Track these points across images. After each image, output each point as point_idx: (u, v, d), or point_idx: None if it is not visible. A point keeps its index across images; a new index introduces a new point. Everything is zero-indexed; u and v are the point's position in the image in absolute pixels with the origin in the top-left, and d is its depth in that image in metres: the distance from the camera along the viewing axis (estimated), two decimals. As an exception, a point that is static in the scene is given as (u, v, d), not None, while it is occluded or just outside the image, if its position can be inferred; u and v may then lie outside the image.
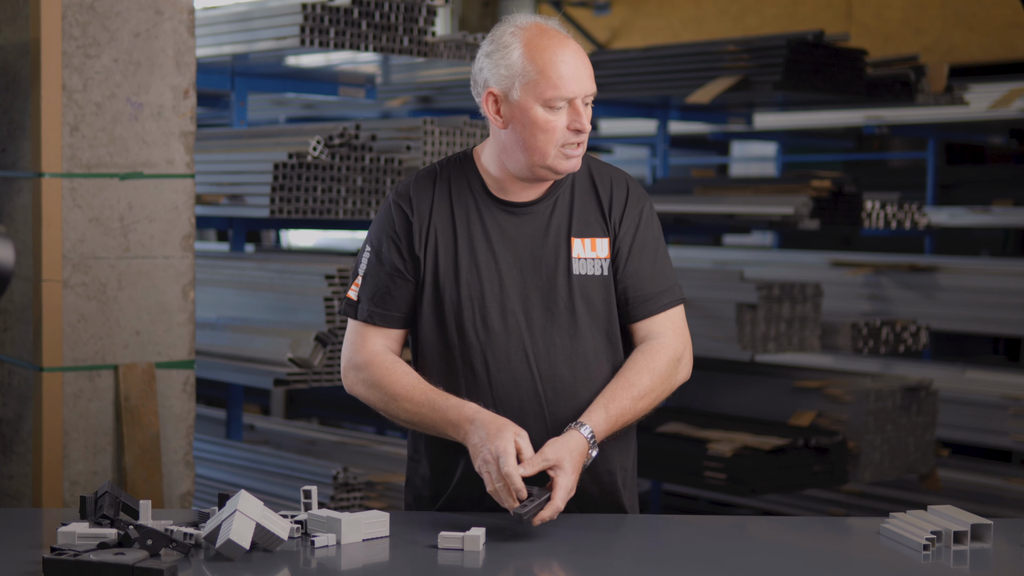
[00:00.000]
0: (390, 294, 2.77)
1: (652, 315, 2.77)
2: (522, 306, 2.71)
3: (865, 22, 10.88)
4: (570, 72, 2.65)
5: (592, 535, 2.58)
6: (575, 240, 2.74)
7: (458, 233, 2.74)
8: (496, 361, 2.71)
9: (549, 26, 2.71)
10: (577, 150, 2.69)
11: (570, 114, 2.66)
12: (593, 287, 2.73)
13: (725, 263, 8.20)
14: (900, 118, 8.60)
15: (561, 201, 2.76)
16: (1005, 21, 10.11)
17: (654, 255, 2.78)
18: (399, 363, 2.76)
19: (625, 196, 2.78)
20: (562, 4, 13.44)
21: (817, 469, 5.93)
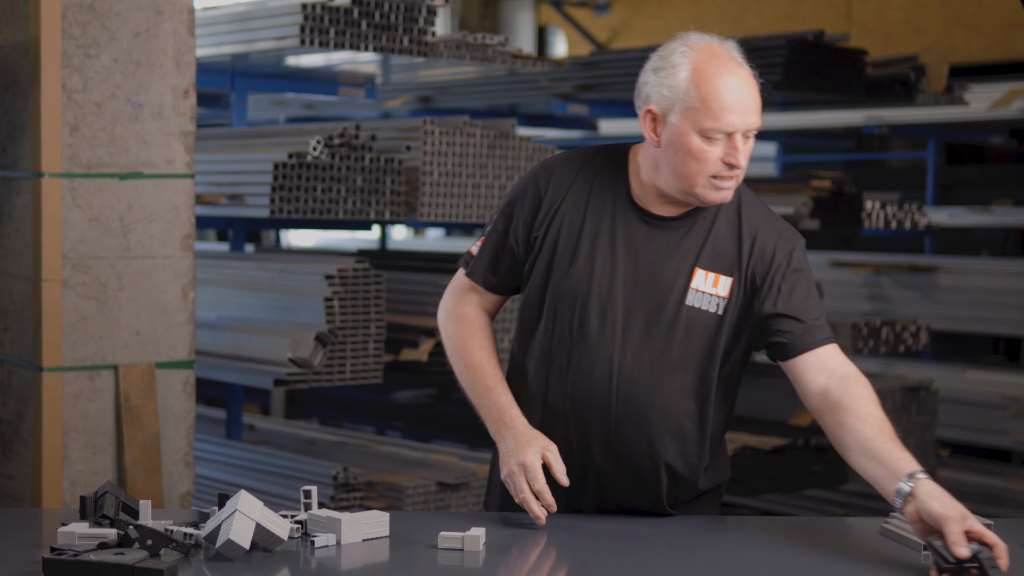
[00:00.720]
0: (499, 261, 2.77)
1: (813, 348, 2.64)
2: (623, 318, 2.64)
3: (865, 22, 10.88)
4: (733, 104, 2.54)
5: (591, 535, 2.58)
6: (698, 270, 2.64)
7: (585, 225, 2.67)
8: (580, 364, 2.65)
9: (722, 50, 2.60)
10: (728, 183, 2.58)
11: (727, 147, 2.55)
12: (701, 322, 2.64)
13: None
14: (900, 118, 8.60)
15: (699, 227, 2.66)
16: (1005, 21, 10.11)
17: (807, 292, 2.66)
18: (483, 332, 2.79)
19: (774, 242, 2.66)
20: (562, 4, 13.45)
21: (817, 469, 5.93)
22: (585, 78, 7.11)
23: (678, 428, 2.66)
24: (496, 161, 5.28)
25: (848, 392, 2.60)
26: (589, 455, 2.69)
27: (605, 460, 2.69)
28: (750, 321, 2.67)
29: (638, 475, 2.70)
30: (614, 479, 2.70)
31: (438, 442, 6.75)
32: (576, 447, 2.69)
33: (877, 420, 2.54)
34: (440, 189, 5.13)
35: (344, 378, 4.84)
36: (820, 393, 2.63)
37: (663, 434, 2.66)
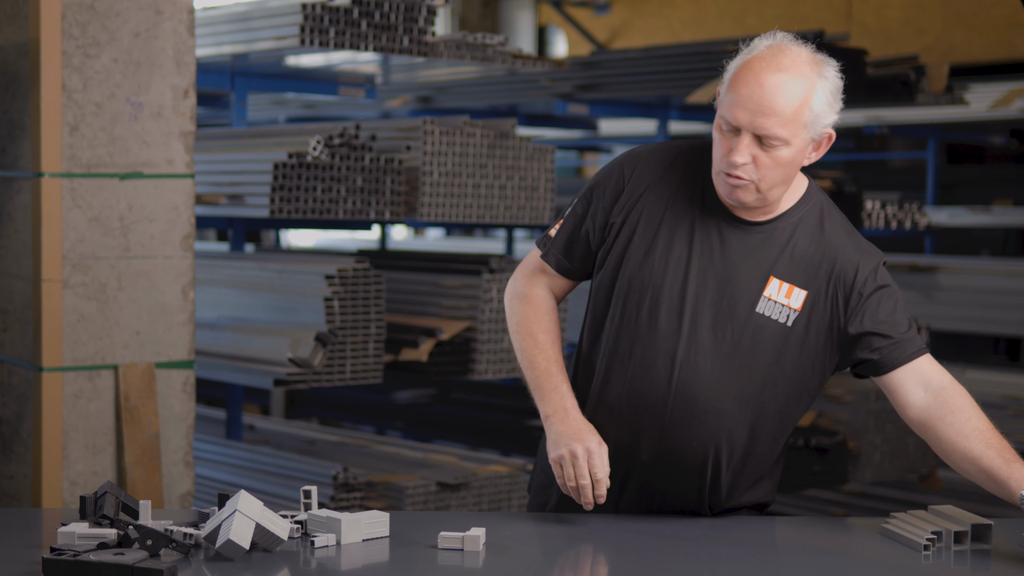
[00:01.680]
0: (573, 244, 2.74)
1: (908, 360, 2.62)
2: (692, 317, 2.60)
3: (865, 22, 10.89)
4: (745, 100, 2.48)
5: (590, 536, 2.58)
6: (773, 279, 2.60)
7: (665, 218, 2.64)
8: (643, 356, 2.62)
9: (787, 51, 2.52)
10: (733, 181, 2.53)
11: (735, 142, 2.51)
12: (768, 332, 2.60)
13: (725, 263, 8.19)
14: (900, 118, 8.60)
15: (779, 235, 2.62)
16: (1005, 21, 10.11)
17: (893, 307, 2.64)
18: (550, 316, 2.75)
19: (857, 256, 2.63)
20: (562, 4, 13.45)
21: (817, 469, 5.93)
22: (585, 78, 7.11)
23: (730, 436, 2.63)
24: (496, 161, 5.28)
25: (948, 407, 2.59)
26: (636, 452, 2.66)
27: (653, 458, 2.66)
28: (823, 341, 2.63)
29: (683, 478, 2.67)
30: (658, 479, 2.68)
31: (438, 442, 6.75)
32: (625, 443, 2.66)
33: (982, 434, 2.55)
34: (440, 189, 5.13)
35: (344, 378, 4.84)
36: (918, 409, 2.63)
37: (714, 439, 2.62)
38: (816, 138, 2.56)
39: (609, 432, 2.65)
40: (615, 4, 13.21)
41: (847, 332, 2.61)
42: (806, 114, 2.50)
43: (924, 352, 2.64)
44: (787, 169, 2.55)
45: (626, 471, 2.69)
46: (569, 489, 2.55)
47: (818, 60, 2.53)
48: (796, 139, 2.51)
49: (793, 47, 2.52)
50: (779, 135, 2.49)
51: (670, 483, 2.68)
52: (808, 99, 2.49)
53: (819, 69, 2.52)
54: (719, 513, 2.73)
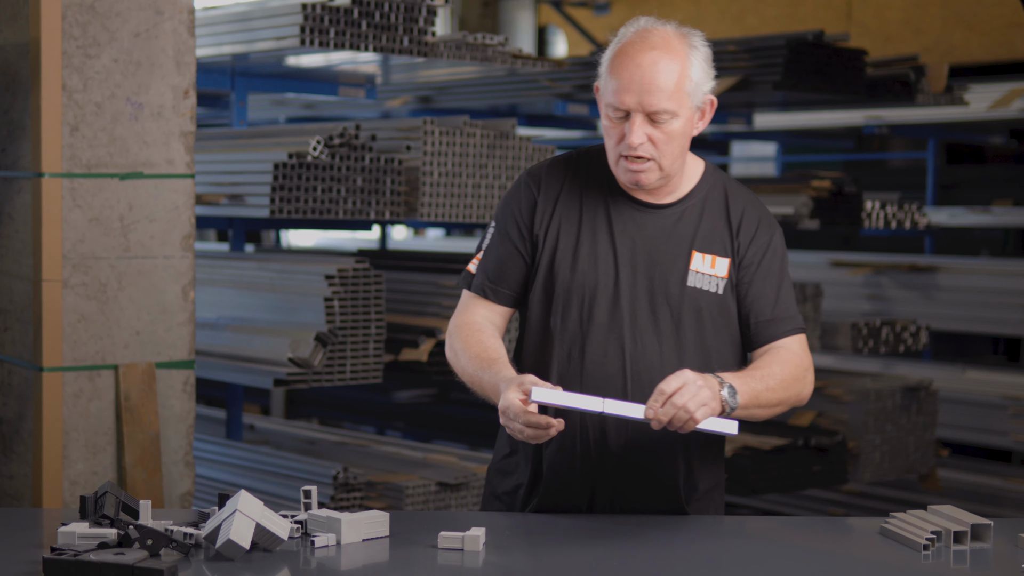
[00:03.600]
0: (504, 270, 2.79)
1: (775, 339, 2.73)
2: (630, 305, 2.70)
3: (865, 22, 10.89)
4: (626, 82, 2.60)
5: (591, 535, 2.58)
6: (696, 253, 2.71)
7: (583, 220, 2.73)
8: (593, 353, 2.69)
9: (653, 31, 2.64)
10: (635, 165, 2.64)
11: (627, 126, 2.62)
12: (704, 302, 2.70)
13: (725, 263, 8.18)
14: (900, 118, 8.60)
15: (690, 212, 2.74)
16: (1005, 21, 10.11)
17: (778, 283, 2.75)
18: (489, 329, 2.77)
19: (756, 223, 2.75)
20: (562, 4, 13.45)
21: (817, 469, 5.93)
22: (585, 78, 7.10)
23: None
24: (496, 161, 5.28)
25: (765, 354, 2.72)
26: (606, 444, 2.70)
27: (622, 448, 2.70)
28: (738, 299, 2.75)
29: (655, 462, 2.72)
30: (632, 468, 2.72)
31: (438, 442, 6.75)
32: (593, 437, 2.71)
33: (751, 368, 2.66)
34: (440, 189, 5.13)
35: (344, 378, 4.84)
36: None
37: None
38: (700, 106, 2.69)
39: (576, 428, 2.69)
40: (615, 4, 13.21)
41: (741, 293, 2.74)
42: (687, 84, 2.63)
43: (792, 333, 2.75)
44: (681, 141, 2.67)
45: (598, 469, 2.72)
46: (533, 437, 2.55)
47: (684, 33, 2.67)
48: (683, 109, 2.64)
49: (658, 27, 2.65)
50: (667, 108, 2.61)
51: (645, 473, 2.72)
52: (685, 69, 2.63)
53: (688, 41, 2.66)
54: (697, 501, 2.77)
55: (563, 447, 2.71)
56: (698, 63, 2.65)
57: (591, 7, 13.43)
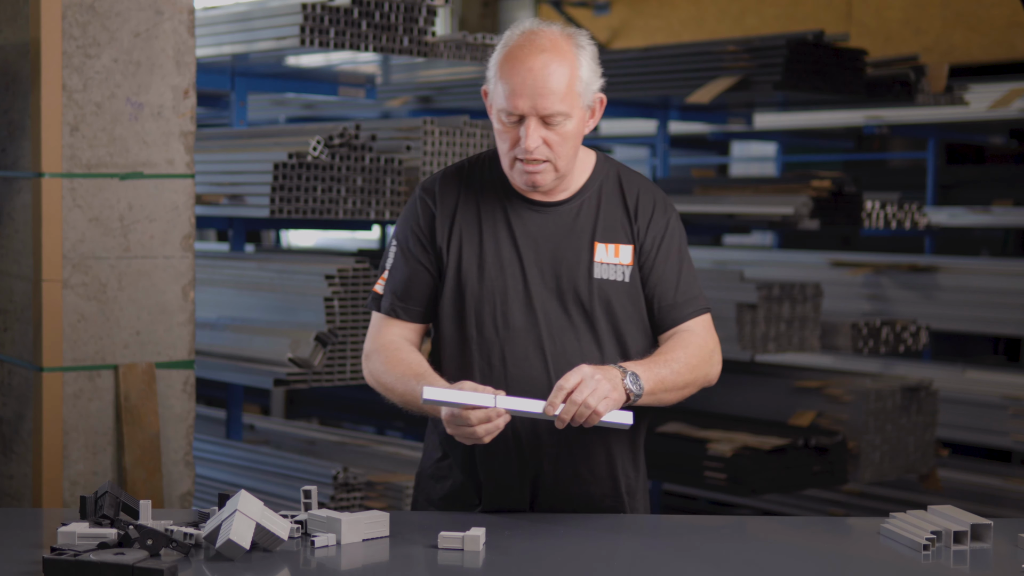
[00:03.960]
0: (413, 288, 2.78)
1: (680, 323, 2.76)
2: (542, 305, 2.71)
3: (865, 22, 10.88)
4: (517, 87, 2.62)
5: (592, 535, 2.58)
6: (598, 244, 2.73)
7: (483, 228, 2.74)
8: (514, 357, 2.71)
9: (540, 33, 2.67)
10: (531, 167, 2.66)
11: (521, 130, 2.64)
12: (614, 292, 2.73)
13: (725, 263, 8.20)
14: (900, 118, 8.60)
15: (587, 205, 2.76)
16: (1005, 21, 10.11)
17: (679, 265, 2.78)
18: (407, 347, 2.77)
19: (652, 206, 2.78)
20: (562, 4, 13.45)
21: (817, 469, 5.93)
22: (585, 78, 7.09)
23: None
24: (496, 161, 5.28)
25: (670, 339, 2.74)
26: (539, 447, 2.72)
27: (557, 447, 2.72)
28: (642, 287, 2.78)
29: (591, 457, 2.74)
30: (569, 467, 2.73)
31: (438, 442, 6.73)
32: (526, 442, 2.72)
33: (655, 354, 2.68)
34: (440, 189, 5.13)
35: (344, 378, 4.84)
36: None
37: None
38: (590, 104, 2.72)
39: (507, 435, 2.69)
40: (615, 4, 13.21)
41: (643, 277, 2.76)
42: (578, 84, 2.66)
43: (696, 315, 2.78)
44: (575, 141, 2.69)
45: (536, 471, 2.74)
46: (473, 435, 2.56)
47: (570, 33, 2.70)
48: (575, 110, 2.66)
49: (544, 28, 2.68)
50: (560, 110, 2.63)
51: (584, 469, 2.74)
52: (575, 70, 2.65)
53: (574, 41, 2.69)
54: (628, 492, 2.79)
55: (496, 451, 2.72)
56: (586, 63, 2.68)
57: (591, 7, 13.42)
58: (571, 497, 2.75)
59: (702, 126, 8.75)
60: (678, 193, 7.17)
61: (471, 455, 2.77)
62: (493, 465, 2.74)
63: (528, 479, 2.74)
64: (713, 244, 10.14)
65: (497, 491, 2.75)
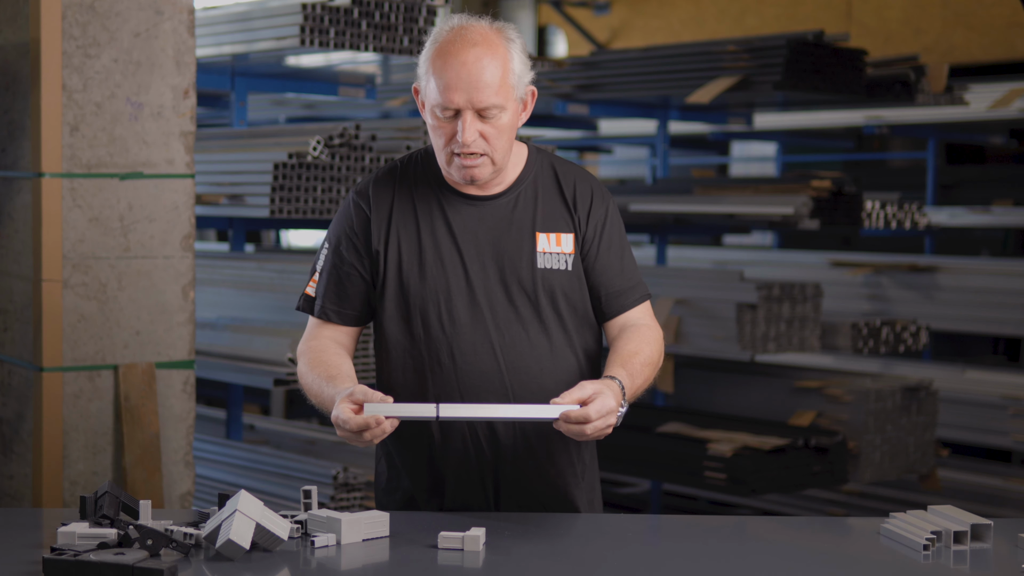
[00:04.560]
0: (345, 291, 2.78)
1: (626, 310, 2.78)
2: (487, 299, 2.71)
3: (865, 22, 10.89)
4: (452, 81, 2.63)
5: (592, 535, 2.58)
6: (540, 235, 2.74)
7: (421, 227, 2.74)
8: (463, 354, 2.71)
9: (470, 28, 2.67)
10: (468, 161, 2.66)
11: (458, 124, 2.65)
12: (558, 281, 2.73)
13: (725, 263, 8.20)
14: (900, 118, 8.60)
15: (525, 196, 2.77)
16: (1005, 21, 10.11)
17: (621, 252, 2.79)
18: (333, 348, 2.77)
19: (590, 195, 2.78)
20: (562, 4, 13.45)
21: (817, 469, 5.93)
22: (585, 78, 7.11)
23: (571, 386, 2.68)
24: (496, 161, 5.28)
25: (623, 336, 2.74)
26: (497, 441, 2.73)
27: (514, 440, 2.73)
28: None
29: (548, 447, 2.74)
30: (526, 459, 2.74)
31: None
32: (484, 436, 2.73)
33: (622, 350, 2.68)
34: (440, 189, 5.13)
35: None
36: (609, 340, 2.79)
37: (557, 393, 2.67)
38: (523, 97, 2.72)
39: (468, 440, 2.71)
40: (615, 4, 13.21)
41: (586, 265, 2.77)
42: (510, 77, 2.66)
43: (641, 301, 2.79)
44: (510, 134, 2.70)
45: (495, 470, 2.75)
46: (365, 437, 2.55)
47: (498, 27, 2.70)
48: (509, 103, 2.67)
49: (473, 23, 2.68)
50: (495, 103, 2.64)
51: (539, 459, 2.74)
52: (507, 63, 2.66)
53: (504, 34, 2.69)
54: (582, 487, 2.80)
55: (456, 453, 2.73)
56: (517, 56, 2.68)
57: (591, 7, 13.43)
58: (533, 489, 2.76)
59: (702, 126, 8.74)
60: (678, 193, 7.18)
61: (424, 459, 2.77)
62: (452, 463, 2.75)
63: (491, 480, 2.75)
64: (713, 244, 10.14)
65: (459, 488, 2.76)
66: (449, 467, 2.76)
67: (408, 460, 2.80)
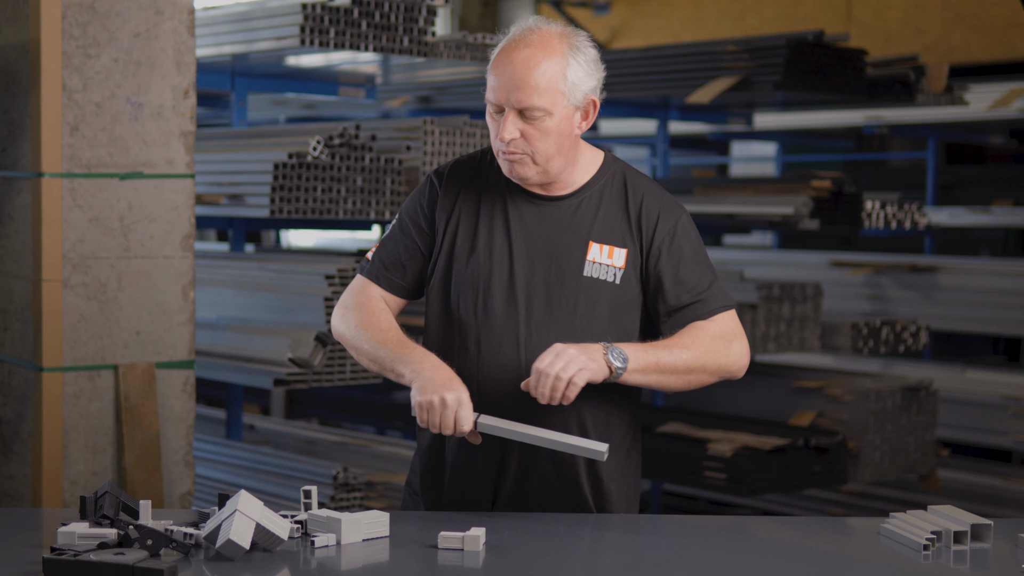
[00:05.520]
0: (401, 263, 2.83)
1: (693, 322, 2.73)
2: (525, 296, 2.73)
3: (865, 22, 10.88)
4: (499, 79, 2.67)
5: (593, 535, 2.58)
6: (592, 244, 2.74)
7: (481, 215, 2.77)
8: (488, 344, 2.73)
9: (535, 31, 2.69)
10: (509, 157, 2.70)
11: (501, 121, 2.68)
12: (602, 293, 2.73)
13: (725, 263, 8.20)
14: (900, 118, 8.60)
15: (588, 202, 2.77)
16: (1005, 21, 10.11)
17: (693, 265, 2.76)
18: (384, 308, 2.82)
19: (657, 211, 2.77)
20: (562, 4, 13.45)
21: (817, 469, 5.93)
22: (585, 78, 7.09)
23: (589, 399, 2.69)
24: (496, 161, 5.28)
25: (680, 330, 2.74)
26: (507, 442, 2.72)
27: (524, 445, 2.71)
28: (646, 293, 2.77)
29: (559, 456, 2.72)
30: (532, 460, 2.74)
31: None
32: (493, 436, 2.71)
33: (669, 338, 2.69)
34: (440, 189, 5.13)
35: (344, 378, 4.84)
36: None
37: (576, 406, 2.69)
38: (580, 106, 2.72)
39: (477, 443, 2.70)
40: (615, 4, 13.21)
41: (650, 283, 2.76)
42: (561, 83, 2.67)
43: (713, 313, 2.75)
44: (558, 139, 2.69)
45: (500, 465, 2.75)
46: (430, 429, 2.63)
47: (568, 33, 2.71)
48: (557, 108, 2.67)
49: (542, 26, 2.70)
50: (537, 105, 2.65)
51: (549, 465, 2.74)
52: (561, 68, 2.67)
53: (569, 41, 2.70)
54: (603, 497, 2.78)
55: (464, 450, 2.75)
56: (577, 63, 2.69)
57: (591, 7, 13.43)
58: (535, 493, 2.76)
59: (702, 126, 8.75)
60: (678, 193, 7.17)
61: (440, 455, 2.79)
62: (459, 460, 2.76)
63: (492, 480, 2.75)
64: (713, 244, 10.14)
65: (462, 492, 2.77)
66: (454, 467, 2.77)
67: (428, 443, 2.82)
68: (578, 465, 2.76)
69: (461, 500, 2.79)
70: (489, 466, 2.75)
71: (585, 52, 2.72)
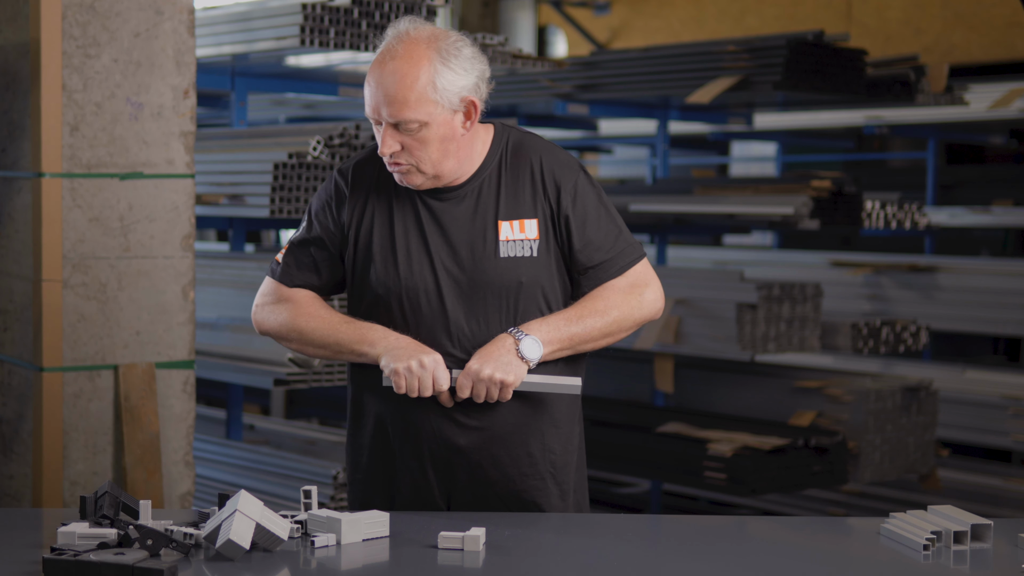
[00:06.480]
0: (312, 263, 2.83)
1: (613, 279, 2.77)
2: (451, 290, 2.72)
3: (865, 22, 10.89)
4: (371, 94, 2.67)
5: (592, 535, 2.58)
6: (502, 223, 2.73)
7: (394, 215, 2.76)
8: (424, 341, 2.71)
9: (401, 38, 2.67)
10: (395, 168, 2.69)
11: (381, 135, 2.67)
12: (523, 269, 2.72)
13: (725, 263, 8.20)
14: (900, 118, 8.60)
15: (487, 184, 2.76)
16: (1005, 21, 10.11)
17: (598, 222, 2.76)
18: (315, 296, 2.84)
19: (555, 173, 2.76)
20: (562, 4, 13.45)
21: (817, 469, 5.93)
22: (585, 78, 7.11)
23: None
24: (496, 161, 5.27)
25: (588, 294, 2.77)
26: (455, 431, 2.73)
27: (475, 431, 2.73)
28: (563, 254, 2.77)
29: (509, 441, 2.74)
30: (487, 452, 2.74)
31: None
32: (444, 426, 2.73)
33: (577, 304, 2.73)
34: (440, 189, 5.13)
35: (344, 378, 4.84)
36: None
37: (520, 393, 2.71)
38: (458, 108, 2.67)
39: (421, 421, 2.73)
40: (615, 4, 13.21)
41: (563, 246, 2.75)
42: (431, 92, 2.63)
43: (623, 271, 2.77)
44: (440, 145, 2.67)
45: (452, 463, 2.75)
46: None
47: (436, 36, 2.66)
48: (432, 117, 2.64)
49: (411, 32, 2.66)
50: (410, 118, 2.63)
51: (503, 456, 2.74)
52: (429, 78, 2.63)
53: (436, 46, 2.64)
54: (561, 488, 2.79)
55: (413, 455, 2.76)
56: (447, 68, 2.64)
57: (591, 7, 13.43)
58: (489, 481, 2.76)
59: (702, 126, 8.74)
60: (678, 193, 7.18)
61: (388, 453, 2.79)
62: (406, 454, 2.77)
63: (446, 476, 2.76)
64: (713, 244, 10.14)
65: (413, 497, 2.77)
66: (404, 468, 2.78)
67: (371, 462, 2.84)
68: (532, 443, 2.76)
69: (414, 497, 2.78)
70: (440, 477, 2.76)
71: (456, 53, 2.66)
